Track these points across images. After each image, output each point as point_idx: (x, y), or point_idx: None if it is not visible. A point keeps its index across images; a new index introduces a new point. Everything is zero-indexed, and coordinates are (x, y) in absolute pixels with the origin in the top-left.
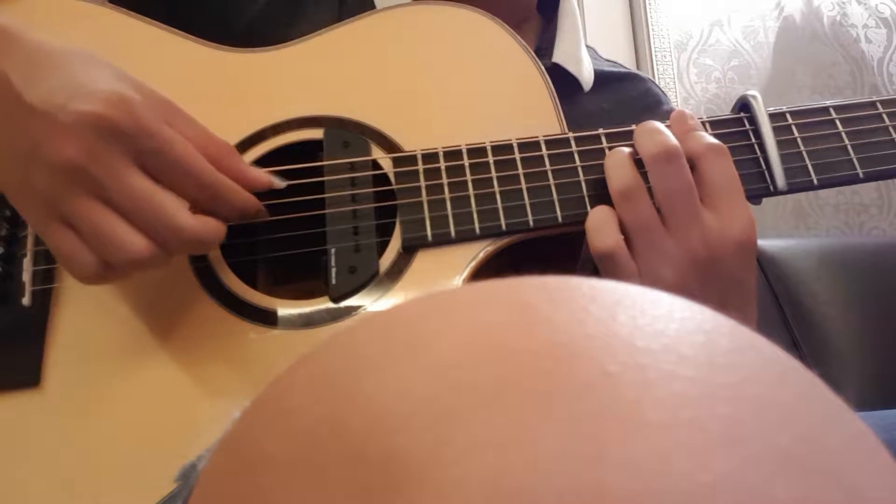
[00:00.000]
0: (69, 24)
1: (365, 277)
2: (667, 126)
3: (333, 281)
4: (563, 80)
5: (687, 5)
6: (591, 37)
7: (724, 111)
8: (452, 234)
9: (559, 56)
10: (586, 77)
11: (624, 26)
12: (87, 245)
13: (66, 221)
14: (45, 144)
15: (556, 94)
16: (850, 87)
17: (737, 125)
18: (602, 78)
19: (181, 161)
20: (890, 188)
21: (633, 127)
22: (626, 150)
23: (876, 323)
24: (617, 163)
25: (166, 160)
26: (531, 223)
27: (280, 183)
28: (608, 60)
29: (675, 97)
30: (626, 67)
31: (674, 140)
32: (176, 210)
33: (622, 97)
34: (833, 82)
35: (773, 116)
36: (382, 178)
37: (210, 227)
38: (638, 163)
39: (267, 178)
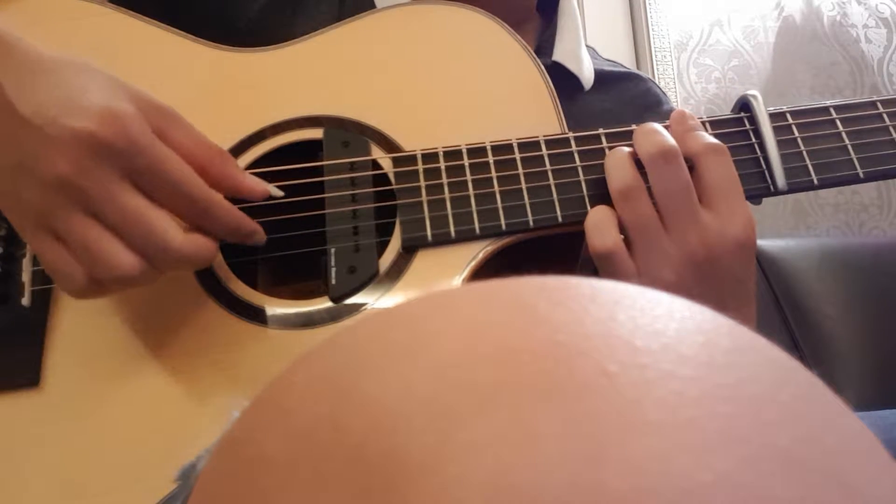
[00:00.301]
0: (69, 23)
1: (365, 277)
2: (666, 126)
3: (333, 281)
4: (563, 79)
5: (687, 5)
6: (591, 37)
7: (724, 111)
8: (452, 233)
9: (559, 55)
10: (587, 75)
11: (624, 26)
12: (76, 259)
13: (57, 235)
14: (36, 158)
15: (556, 94)
16: (850, 87)
17: (737, 125)
18: (602, 77)
19: (172, 178)
20: (890, 188)
21: (634, 127)
22: (626, 150)
23: (876, 323)
24: (616, 163)
25: (157, 177)
26: (531, 223)
27: (277, 192)
28: (608, 60)
29: (675, 97)
30: (626, 67)
31: (671, 140)
32: (166, 228)
33: (622, 96)
34: (833, 82)
35: (774, 116)
36: (382, 178)
37: (200, 246)
38: (638, 163)
39: (263, 186)
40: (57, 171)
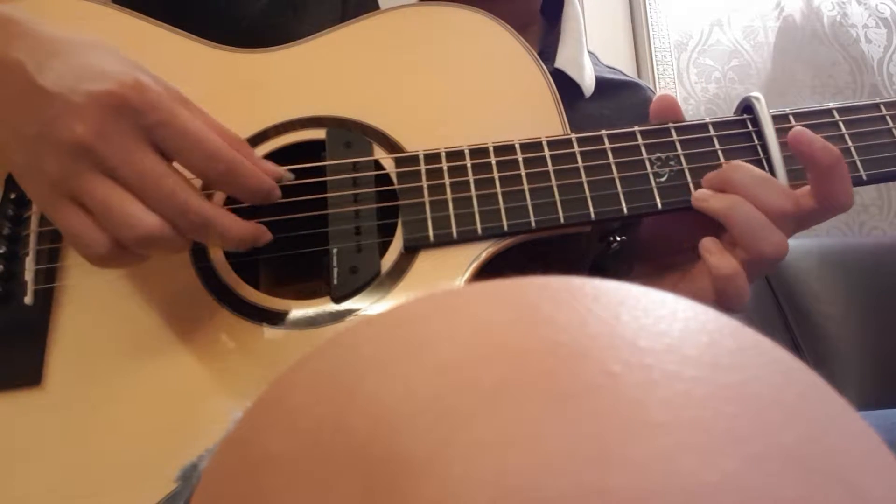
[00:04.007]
0: (71, 23)
1: (367, 278)
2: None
3: (335, 281)
4: (564, 86)
5: (687, 5)
6: (591, 37)
7: (724, 111)
8: (454, 234)
9: (561, 61)
10: (588, 83)
11: (624, 26)
12: (98, 224)
13: (76, 201)
14: (55, 124)
15: (558, 96)
16: (850, 87)
17: (740, 127)
18: (602, 85)
19: (193, 136)
20: (890, 188)
21: (635, 128)
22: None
23: (876, 323)
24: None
25: (178, 136)
26: (533, 224)
27: (289, 175)
28: (609, 67)
29: (676, 97)
30: (626, 75)
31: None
32: (187, 189)
33: (622, 105)
34: (833, 82)
35: (776, 118)
36: (384, 179)
37: (221, 211)
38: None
39: (276, 170)
40: (76, 135)
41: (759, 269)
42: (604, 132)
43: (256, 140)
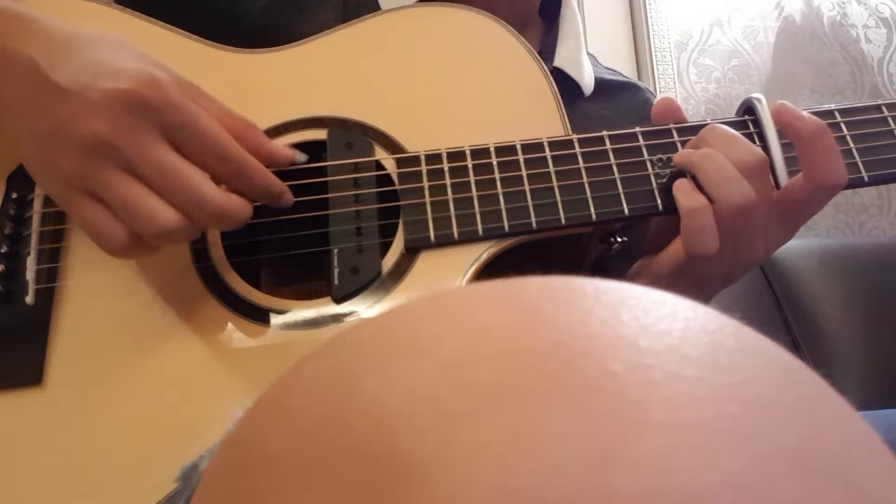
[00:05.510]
0: (75, 24)
1: (367, 278)
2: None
3: (336, 281)
4: (563, 85)
5: (687, 5)
6: (591, 37)
7: (724, 111)
8: (455, 235)
9: (560, 60)
10: (587, 82)
11: (624, 26)
12: (117, 218)
13: (94, 195)
14: (72, 121)
15: (559, 96)
16: (850, 87)
17: (741, 128)
18: (602, 85)
19: (206, 135)
20: (890, 188)
21: (637, 129)
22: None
23: (876, 323)
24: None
25: (192, 134)
26: (534, 224)
27: (301, 157)
28: (608, 68)
29: (676, 97)
30: (625, 76)
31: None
32: (202, 183)
33: (621, 105)
34: (833, 82)
35: None
36: (386, 179)
37: (235, 202)
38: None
39: (288, 152)
40: (93, 130)
41: (729, 220)
42: (605, 133)
43: None
